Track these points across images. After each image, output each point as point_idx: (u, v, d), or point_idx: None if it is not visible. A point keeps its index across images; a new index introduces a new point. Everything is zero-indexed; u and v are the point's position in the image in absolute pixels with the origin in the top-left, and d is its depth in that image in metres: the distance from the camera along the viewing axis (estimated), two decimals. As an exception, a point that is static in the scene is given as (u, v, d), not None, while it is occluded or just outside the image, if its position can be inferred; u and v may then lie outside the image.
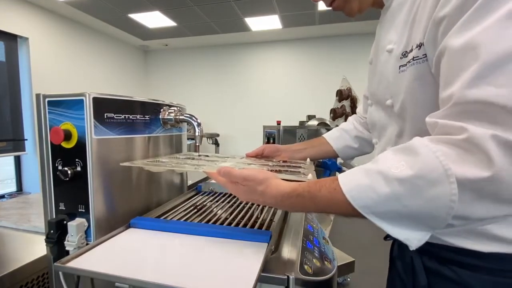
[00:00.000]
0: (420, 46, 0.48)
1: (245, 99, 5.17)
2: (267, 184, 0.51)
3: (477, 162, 0.33)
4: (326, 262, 0.65)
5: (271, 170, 0.62)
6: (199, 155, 0.91)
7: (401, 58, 0.53)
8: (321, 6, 3.41)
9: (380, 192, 0.38)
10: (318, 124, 3.67)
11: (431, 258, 0.55)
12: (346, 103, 3.39)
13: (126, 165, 0.69)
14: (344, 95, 3.37)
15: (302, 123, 3.91)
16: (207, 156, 0.92)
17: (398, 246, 0.67)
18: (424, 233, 0.40)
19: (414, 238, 0.40)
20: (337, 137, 0.92)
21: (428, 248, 0.55)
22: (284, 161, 0.86)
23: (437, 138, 0.38)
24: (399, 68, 0.54)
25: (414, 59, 0.49)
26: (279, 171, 0.63)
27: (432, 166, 0.35)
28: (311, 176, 0.59)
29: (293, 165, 0.80)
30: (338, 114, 3.37)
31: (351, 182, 0.41)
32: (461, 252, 0.50)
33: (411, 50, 0.51)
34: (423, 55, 0.48)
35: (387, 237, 0.72)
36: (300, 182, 0.50)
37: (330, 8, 0.67)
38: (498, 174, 0.32)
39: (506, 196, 0.34)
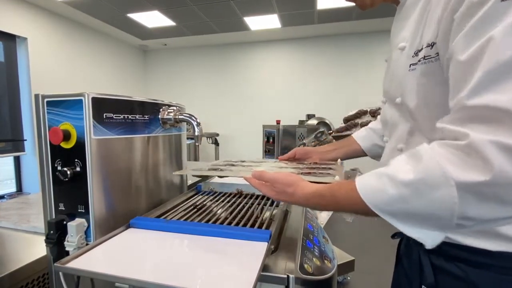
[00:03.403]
0: (432, 45, 0.48)
1: (245, 99, 5.16)
2: (296, 186, 0.57)
3: (476, 166, 0.35)
4: (326, 261, 0.65)
5: (302, 173, 0.70)
6: (237, 162, 0.99)
7: (412, 56, 0.53)
8: (320, 5, 3.41)
9: (388, 193, 0.41)
10: (317, 123, 3.68)
11: (439, 255, 0.55)
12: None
13: (177, 174, 0.87)
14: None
15: (301, 122, 3.92)
16: (243, 161, 0.99)
17: (405, 244, 0.67)
18: (437, 233, 0.42)
19: (427, 237, 0.42)
20: (364, 136, 0.93)
21: (436, 246, 0.55)
22: (315, 163, 0.89)
23: (443, 143, 0.40)
24: (410, 67, 0.54)
25: (426, 58, 0.50)
26: (309, 174, 0.69)
27: (433, 171, 0.38)
28: (338, 177, 0.64)
29: (323, 166, 0.82)
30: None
31: (365, 184, 0.45)
32: (469, 250, 0.50)
33: (422, 49, 0.51)
34: (435, 54, 0.48)
35: (395, 235, 0.73)
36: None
37: None
38: (497, 178, 0.33)
39: (510, 198, 0.34)
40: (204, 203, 0.92)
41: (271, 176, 0.60)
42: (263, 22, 3.99)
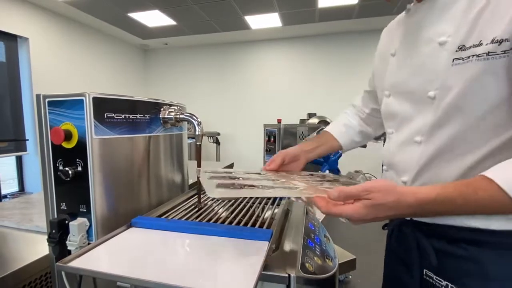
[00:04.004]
0: (500, 41, 0.46)
1: (246, 98, 5.16)
2: (397, 192, 0.46)
3: None
4: (327, 260, 0.65)
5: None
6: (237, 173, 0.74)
7: (456, 51, 0.52)
8: (321, 4, 3.40)
9: None
10: (318, 122, 3.67)
11: (440, 239, 0.56)
12: None
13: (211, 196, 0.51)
14: None
15: (302, 121, 3.91)
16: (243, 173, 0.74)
17: (397, 233, 0.68)
18: None
19: None
20: (344, 132, 0.95)
21: (437, 230, 0.56)
22: (310, 175, 0.76)
23: None
24: (453, 61, 0.52)
25: (490, 54, 0.47)
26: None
27: None
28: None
29: (335, 179, 0.71)
30: None
31: None
32: (473, 230, 0.51)
33: (479, 45, 0.49)
34: (502, 51, 0.47)
35: (385, 226, 0.73)
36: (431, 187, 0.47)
37: None
38: None
39: None
40: (205, 202, 0.92)
41: (361, 188, 0.46)
42: (264, 21, 3.98)
